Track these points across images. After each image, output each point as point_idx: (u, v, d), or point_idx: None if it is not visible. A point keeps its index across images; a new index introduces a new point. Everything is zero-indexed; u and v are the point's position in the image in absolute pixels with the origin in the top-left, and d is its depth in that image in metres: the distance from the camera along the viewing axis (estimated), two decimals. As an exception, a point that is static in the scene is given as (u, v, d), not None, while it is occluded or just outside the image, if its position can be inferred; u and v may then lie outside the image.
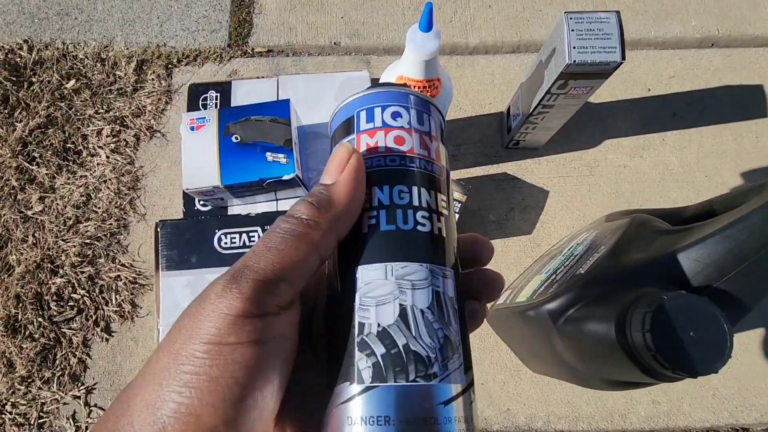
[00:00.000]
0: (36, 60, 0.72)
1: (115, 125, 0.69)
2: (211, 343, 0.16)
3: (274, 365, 0.17)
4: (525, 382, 0.60)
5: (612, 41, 0.46)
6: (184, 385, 0.15)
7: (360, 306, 0.18)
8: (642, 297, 0.32)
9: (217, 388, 0.15)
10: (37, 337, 0.62)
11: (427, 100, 0.23)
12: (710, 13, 0.72)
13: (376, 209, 0.20)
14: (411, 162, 0.21)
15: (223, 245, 0.57)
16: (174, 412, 0.15)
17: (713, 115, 0.69)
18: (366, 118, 0.22)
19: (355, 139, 0.22)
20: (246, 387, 0.16)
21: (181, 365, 0.16)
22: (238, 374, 0.16)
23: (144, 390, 0.16)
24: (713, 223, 0.35)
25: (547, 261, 0.54)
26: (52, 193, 0.67)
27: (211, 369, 0.16)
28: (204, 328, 0.16)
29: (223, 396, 0.16)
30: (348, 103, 0.23)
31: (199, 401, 0.15)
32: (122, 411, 0.16)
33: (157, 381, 0.16)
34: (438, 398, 0.17)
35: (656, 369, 0.30)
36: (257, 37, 0.72)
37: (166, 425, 0.15)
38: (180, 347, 0.16)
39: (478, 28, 0.72)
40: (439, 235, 0.20)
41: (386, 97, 0.22)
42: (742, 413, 0.59)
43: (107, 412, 0.17)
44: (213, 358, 0.16)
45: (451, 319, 0.19)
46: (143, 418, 0.15)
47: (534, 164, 0.68)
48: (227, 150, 0.57)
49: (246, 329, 0.16)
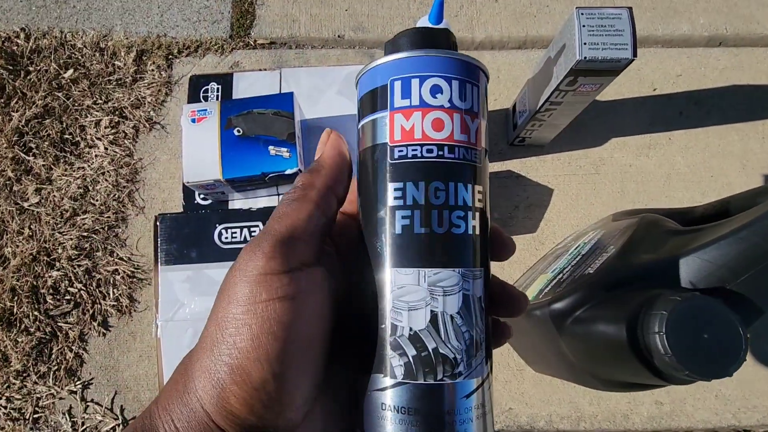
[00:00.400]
0: (33, 48, 0.70)
1: (113, 116, 0.68)
2: (247, 303, 0.18)
3: (306, 319, 0.19)
4: (527, 381, 0.60)
5: (624, 38, 0.45)
6: (231, 346, 0.17)
7: (393, 308, 0.19)
8: (654, 298, 0.32)
9: (258, 344, 0.17)
10: (32, 330, 0.61)
11: (474, 64, 0.21)
12: (719, 12, 0.71)
13: (411, 209, 0.19)
14: (450, 152, 0.20)
15: (224, 240, 0.56)
16: (227, 372, 0.17)
17: (720, 115, 0.69)
18: (401, 92, 0.20)
19: (389, 117, 0.20)
20: (285, 341, 0.18)
21: (225, 330, 0.18)
22: (275, 329, 0.18)
23: (200, 357, 0.18)
24: (726, 225, 0.34)
25: (553, 260, 0.53)
26: (48, 184, 0.66)
27: (251, 328, 0.17)
28: (239, 291, 0.18)
29: (268, 351, 0.17)
30: (377, 66, 0.21)
31: (246, 359, 0.17)
32: (186, 378, 0.18)
33: (209, 347, 0.18)
34: (461, 393, 0.19)
35: (670, 372, 0.29)
36: (260, 29, 0.71)
37: (224, 385, 0.17)
38: (222, 314, 0.18)
39: (485, 23, 0.71)
40: (473, 234, 0.20)
41: (427, 65, 0.20)
42: (744, 415, 0.59)
43: (173, 379, 0.19)
44: (250, 316, 0.17)
45: (477, 319, 0.19)
46: (204, 381, 0.18)
47: (539, 162, 0.67)
48: (229, 143, 0.56)
49: (274, 285, 0.18)
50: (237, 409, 0.17)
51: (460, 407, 0.19)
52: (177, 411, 0.18)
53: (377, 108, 0.21)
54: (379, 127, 0.20)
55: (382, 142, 0.20)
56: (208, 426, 0.18)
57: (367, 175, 0.21)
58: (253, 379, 0.17)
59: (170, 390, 0.19)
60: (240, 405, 0.17)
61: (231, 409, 0.17)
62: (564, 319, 0.40)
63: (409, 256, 0.19)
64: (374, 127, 0.21)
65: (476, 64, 0.21)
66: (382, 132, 0.20)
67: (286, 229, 0.19)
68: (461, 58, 0.20)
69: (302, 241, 0.19)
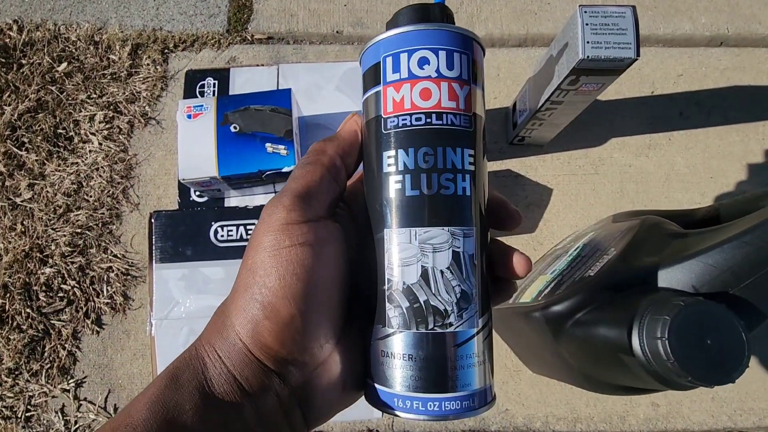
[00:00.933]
0: (26, 41, 0.69)
1: (108, 111, 0.67)
2: (272, 249, 0.20)
3: (325, 263, 0.21)
4: (524, 382, 0.60)
5: (627, 37, 0.45)
6: (262, 286, 0.20)
7: (389, 264, 0.21)
8: (656, 302, 0.31)
9: (285, 284, 0.20)
10: (25, 328, 0.60)
11: (462, 34, 0.22)
12: (721, 11, 0.71)
13: (402, 173, 0.21)
14: (437, 119, 0.21)
15: (220, 238, 0.55)
16: (260, 309, 0.20)
17: (720, 115, 0.68)
18: (392, 67, 0.22)
19: (382, 91, 0.22)
20: (307, 282, 0.20)
21: (255, 273, 0.20)
22: (298, 270, 0.20)
23: (235, 299, 0.21)
24: (730, 228, 0.34)
25: (552, 261, 0.53)
26: (41, 180, 0.65)
27: (278, 269, 0.20)
28: (265, 240, 0.20)
29: (293, 290, 0.20)
30: (374, 44, 0.22)
31: (275, 296, 0.20)
32: (224, 318, 0.21)
33: (243, 289, 0.20)
34: (453, 341, 0.21)
35: (672, 378, 0.29)
36: (257, 23, 0.70)
37: (257, 320, 0.20)
38: (252, 260, 0.21)
39: (485, 20, 0.70)
40: (462, 195, 0.21)
41: (414, 39, 0.21)
42: (740, 417, 0.59)
43: (212, 320, 0.22)
44: (276, 259, 0.20)
45: (469, 274, 0.21)
46: (240, 318, 0.20)
47: (539, 161, 0.66)
48: (225, 140, 0.55)
49: (295, 233, 0.20)
50: (270, 341, 0.20)
51: (452, 355, 0.20)
52: (219, 344, 0.20)
53: (373, 84, 0.22)
54: (375, 101, 0.22)
55: (377, 115, 0.22)
56: (247, 356, 0.20)
57: (367, 145, 0.23)
58: (282, 315, 0.20)
59: (211, 328, 0.21)
60: (272, 338, 0.20)
61: (265, 341, 0.20)
62: (563, 322, 0.39)
63: (401, 216, 0.21)
64: (371, 102, 0.23)
65: (465, 33, 0.22)
66: (378, 105, 0.22)
67: (302, 187, 0.21)
68: (448, 29, 0.21)
69: (316, 197, 0.22)
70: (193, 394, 0.19)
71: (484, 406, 0.21)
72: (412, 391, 0.20)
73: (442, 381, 0.20)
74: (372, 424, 0.59)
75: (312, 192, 0.22)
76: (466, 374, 0.21)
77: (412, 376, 0.20)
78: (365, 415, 0.57)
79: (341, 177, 0.23)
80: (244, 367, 0.20)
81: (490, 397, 0.22)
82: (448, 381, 0.20)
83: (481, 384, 0.21)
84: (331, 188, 0.23)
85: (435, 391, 0.20)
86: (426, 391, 0.20)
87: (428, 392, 0.20)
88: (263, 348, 0.20)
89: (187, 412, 0.19)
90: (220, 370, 0.20)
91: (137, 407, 0.19)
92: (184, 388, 0.19)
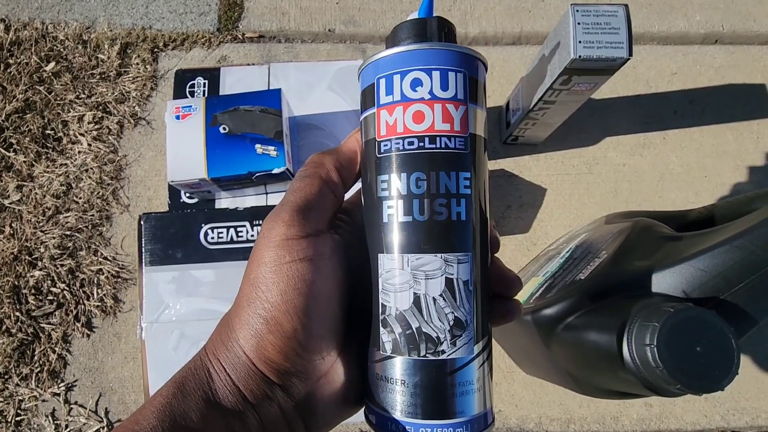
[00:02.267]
0: (13, 40, 0.68)
1: (97, 111, 0.66)
2: (274, 264, 0.20)
3: (326, 278, 0.21)
4: (517, 383, 0.59)
5: (619, 36, 0.44)
6: (264, 301, 0.20)
7: (383, 290, 0.21)
8: (646, 308, 0.31)
9: (287, 299, 0.20)
10: (14, 332, 0.59)
11: (458, 52, 0.21)
12: (716, 8, 0.70)
13: (395, 198, 0.21)
14: (431, 142, 0.20)
15: (210, 240, 0.55)
16: (263, 323, 0.20)
17: (715, 114, 0.68)
18: (386, 89, 0.21)
19: (376, 114, 0.22)
20: (308, 296, 0.20)
21: (258, 288, 0.21)
22: (299, 285, 0.20)
23: (239, 313, 0.21)
24: (721, 232, 0.34)
25: (544, 263, 0.52)
26: (30, 181, 0.64)
27: (279, 284, 0.20)
28: (266, 255, 0.21)
29: (294, 304, 0.20)
30: (370, 64, 0.22)
31: (278, 311, 0.20)
32: (228, 330, 0.21)
33: (246, 304, 0.21)
34: (448, 368, 0.20)
35: (660, 384, 0.29)
36: (248, 22, 0.69)
37: (261, 335, 0.20)
38: (254, 275, 0.21)
39: (478, 18, 0.70)
40: (457, 220, 0.21)
41: (407, 59, 0.21)
42: (733, 416, 0.59)
43: (216, 332, 0.22)
44: (278, 275, 0.20)
45: (463, 300, 0.21)
46: (244, 332, 0.20)
47: (532, 161, 0.66)
48: (215, 141, 0.54)
49: (296, 248, 0.21)
50: (273, 355, 0.20)
51: (447, 381, 0.20)
52: (223, 356, 0.21)
53: (368, 105, 0.22)
54: (370, 124, 0.22)
55: (372, 138, 0.22)
56: (251, 369, 0.20)
57: (364, 167, 0.23)
58: (285, 329, 0.20)
59: (215, 340, 0.22)
60: (275, 352, 0.20)
61: (268, 355, 0.20)
62: (554, 326, 0.39)
63: (394, 242, 0.21)
64: (369, 122, 0.22)
65: (461, 51, 0.21)
66: (373, 127, 0.22)
67: (301, 200, 0.22)
68: (443, 47, 0.21)
69: (315, 210, 0.22)
70: (199, 403, 0.20)
71: (483, 430, 0.21)
72: (406, 417, 0.20)
73: (436, 408, 0.20)
74: (366, 426, 0.59)
75: (310, 205, 0.22)
76: (462, 401, 0.20)
77: (405, 401, 0.20)
78: (360, 417, 0.57)
79: (339, 191, 0.23)
80: (248, 379, 0.20)
81: (490, 420, 0.21)
82: (444, 407, 0.20)
83: (480, 409, 0.21)
84: (329, 201, 0.23)
85: (430, 417, 0.20)
86: (421, 418, 0.20)
87: (423, 419, 0.20)
88: (267, 361, 0.20)
89: (192, 421, 0.19)
90: (225, 382, 0.20)
91: (145, 414, 0.19)
92: (190, 397, 0.20)
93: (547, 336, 0.40)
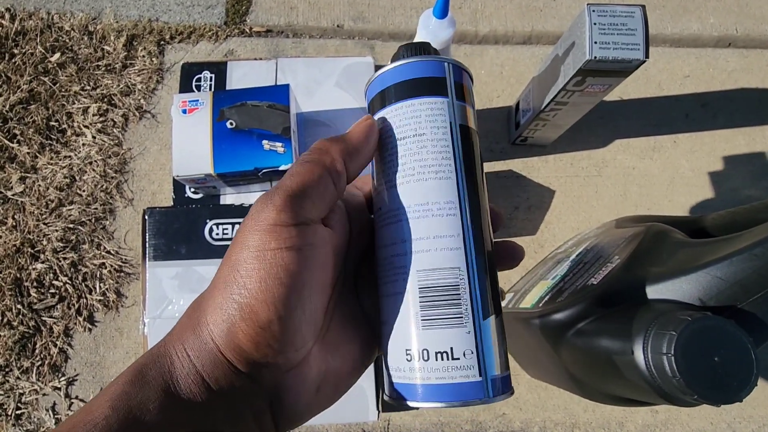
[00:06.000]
0: (18, 30, 0.67)
1: (102, 103, 0.65)
2: (257, 249, 0.19)
3: (311, 269, 0.20)
4: (522, 386, 0.59)
5: (636, 37, 0.43)
6: (242, 286, 0.19)
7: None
8: (662, 316, 0.30)
9: (266, 287, 0.19)
10: (15, 324, 0.59)
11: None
12: (730, 11, 0.69)
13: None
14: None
15: (214, 236, 0.54)
16: (237, 310, 0.19)
17: (727, 118, 0.67)
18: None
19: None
20: (289, 287, 0.19)
21: (237, 272, 0.19)
22: (281, 275, 0.19)
23: (213, 295, 0.20)
24: (739, 239, 0.33)
25: (553, 266, 0.52)
26: (33, 173, 0.63)
27: (260, 272, 0.19)
28: (250, 239, 0.19)
29: (273, 294, 0.19)
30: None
31: (254, 299, 0.19)
32: (198, 313, 0.20)
33: (222, 286, 0.19)
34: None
35: (677, 395, 0.28)
36: (256, 16, 0.69)
37: (233, 321, 0.19)
38: (235, 258, 0.19)
39: (489, 17, 0.69)
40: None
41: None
42: (740, 425, 0.59)
43: (186, 314, 0.21)
44: (260, 261, 0.19)
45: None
46: (215, 317, 0.19)
47: (541, 162, 0.65)
48: (221, 136, 0.54)
49: (283, 236, 0.19)
50: (244, 344, 0.19)
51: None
52: (189, 341, 0.19)
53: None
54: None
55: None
56: (217, 357, 0.19)
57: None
58: (260, 319, 0.19)
59: (183, 324, 0.20)
60: (247, 341, 0.19)
61: (239, 343, 0.19)
62: (564, 331, 0.38)
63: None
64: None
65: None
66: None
67: (297, 186, 0.20)
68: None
69: (311, 199, 0.21)
70: (158, 393, 0.18)
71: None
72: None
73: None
74: (368, 426, 0.58)
75: (307, 193, 0.20)
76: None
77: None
78: (361, 418, 0.56)
79: (341, 182, 0.22)
80: (213, 367, 0.19)
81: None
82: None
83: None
84: (329, 191, 0.21)
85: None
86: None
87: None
88: (236, 350, 0.19)
89: (150, 411, 0.18)
90: (188, 370, 0.19)
91: (99, 403, 0.18)
92: (149, 385, 0.18)
93: (556, 341, 0.40)
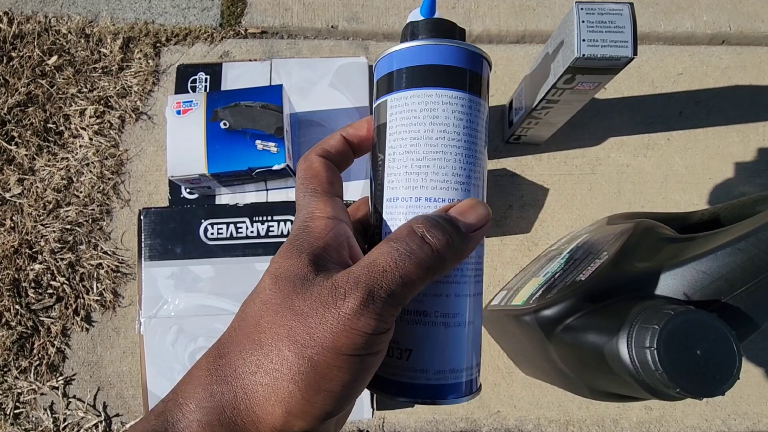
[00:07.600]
0: (16, 33, 0.68)
1: (99, 105, 0.66)
2: (352, 352, 0.18)
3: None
4: (516, 384, 0.59)
5: (624, 35, 0.44)
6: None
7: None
8: (646, 310, 0.31)
9: (349, 389, 0.19)
10: (13, 325, 0.59)
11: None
12: (723, 8, 0.69)
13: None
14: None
15: (210, 236, 0.55)
16: (303, 390, 0.17)
17: (720, 115, 0.67)
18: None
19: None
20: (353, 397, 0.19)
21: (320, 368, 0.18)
22: (365, 379, 0.19)
23: (266, 351, 0.18)
24: (724, 234, 0.33)
25: (545, 263, 0.52)
26: (31, 175, 0.64)
27: (345, 375, 0.18)
28: (343, 346, 0.18)
29: (343, 395, 0.19)
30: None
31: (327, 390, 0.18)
32: (222, 370, 0.18)
33: (289, 351, 0.18)
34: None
35: (660, 388, 0.28)
36: (251, 17, 0.69)
37: (294, 398, 0.17)
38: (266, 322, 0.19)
39: (482, 16, 0.69)
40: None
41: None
42: (734, 421, 0.59)
43: (203, 370, 0.19)
44: (350, 363, 0.18)
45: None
46: (267, 378, 0.18)
47: (534, 160, 0.65)
48: (215, 136, 0.54)
49: (376, 342, 0.19)
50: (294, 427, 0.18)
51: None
52: (202, 410, 0.18)
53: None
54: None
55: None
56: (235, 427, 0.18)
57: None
58: (315, 410, 0.18)
59: (198, 380, 0.19)
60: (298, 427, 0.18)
61: (291, 428, 0.18)
62: (554, 327, 0.39)
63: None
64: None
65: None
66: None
67: (318, 242, 0.21)
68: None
69: (335, 250, 0.21)
70: None
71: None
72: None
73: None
74: (362, 424, 0.59)
75: (329, 246, 0.20)
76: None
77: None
78: (356, 416, 0.56)
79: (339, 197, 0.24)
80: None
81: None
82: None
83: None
84: (344, 220, 0.22)
85: None
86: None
87: None
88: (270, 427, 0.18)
89: None
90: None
91: None
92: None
93: (546, 337, 0.40)
